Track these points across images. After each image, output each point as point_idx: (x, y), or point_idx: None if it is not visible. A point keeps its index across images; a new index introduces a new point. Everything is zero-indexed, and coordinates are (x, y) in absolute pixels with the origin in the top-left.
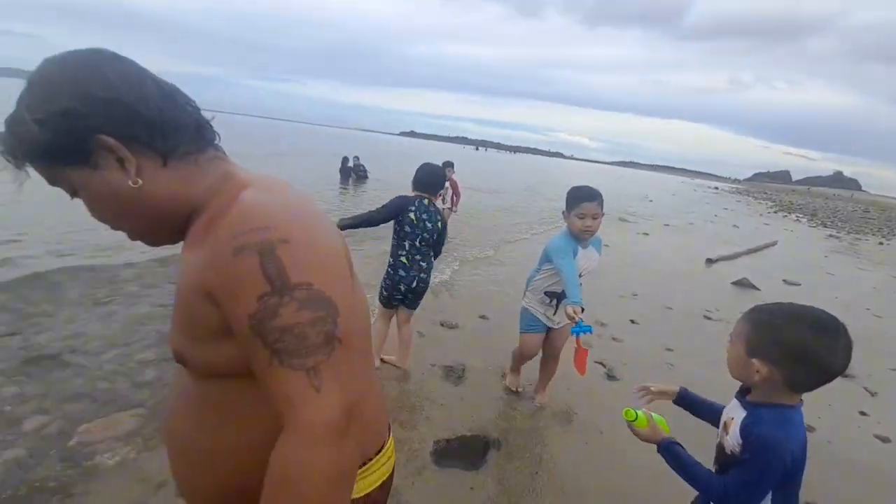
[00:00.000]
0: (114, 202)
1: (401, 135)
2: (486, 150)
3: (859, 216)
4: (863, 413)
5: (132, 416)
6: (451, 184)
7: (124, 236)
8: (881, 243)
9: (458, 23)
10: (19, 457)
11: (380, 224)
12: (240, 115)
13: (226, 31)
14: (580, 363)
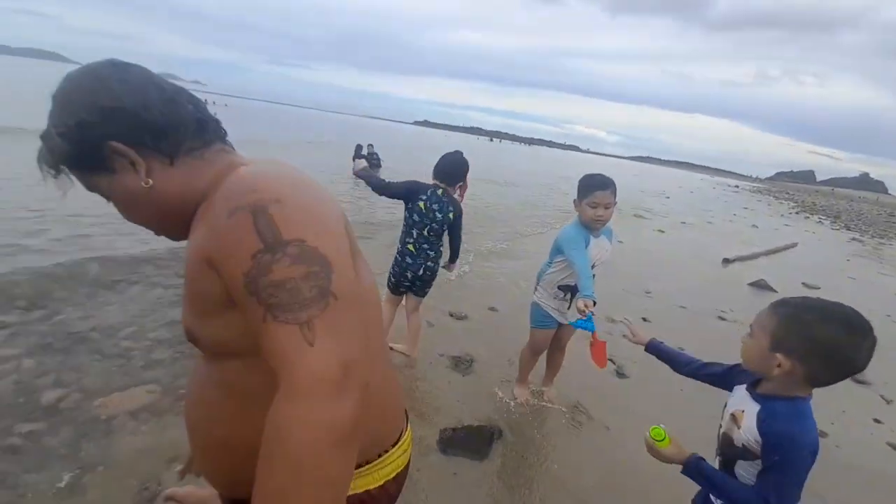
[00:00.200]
0: (133, 202)
1: (415, 124)
2: (500, 142)
3: (884, 220)
4: (877, 420)
5: (148, 392)
6: None
7: (142, 228)
8: None
9: (476, 8)
10: (38, 429)
11: (384, 196)
12: (253, 100)
13: (245, 16)
14: (599, 356)
